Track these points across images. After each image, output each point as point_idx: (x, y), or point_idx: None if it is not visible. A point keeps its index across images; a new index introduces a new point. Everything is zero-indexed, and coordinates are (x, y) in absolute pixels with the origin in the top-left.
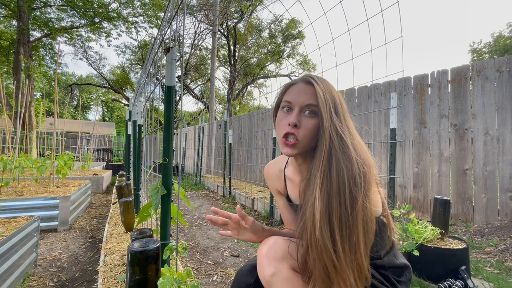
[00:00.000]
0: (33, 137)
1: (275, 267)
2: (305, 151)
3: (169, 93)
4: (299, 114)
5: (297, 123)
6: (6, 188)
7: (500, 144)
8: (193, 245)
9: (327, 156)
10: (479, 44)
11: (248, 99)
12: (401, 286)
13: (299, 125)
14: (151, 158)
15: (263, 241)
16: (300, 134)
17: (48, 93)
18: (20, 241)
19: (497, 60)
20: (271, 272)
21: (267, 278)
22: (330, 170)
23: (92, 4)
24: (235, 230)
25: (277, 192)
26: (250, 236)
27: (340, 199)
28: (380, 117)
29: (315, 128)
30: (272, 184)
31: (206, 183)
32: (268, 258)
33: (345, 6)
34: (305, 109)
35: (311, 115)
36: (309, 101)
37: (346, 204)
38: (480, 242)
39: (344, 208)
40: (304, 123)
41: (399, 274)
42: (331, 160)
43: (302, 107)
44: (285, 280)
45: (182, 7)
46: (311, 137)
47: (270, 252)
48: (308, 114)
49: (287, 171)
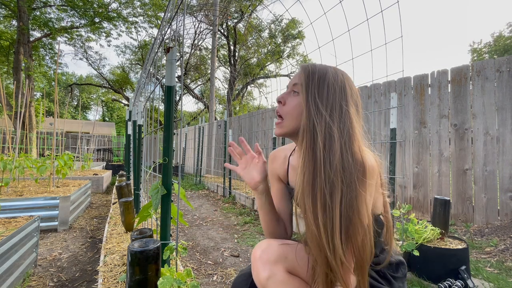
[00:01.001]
0: (33, 137)
1: (270, 270)
2: (293, 132)
3: (169, 93)
4: (287, 94)
5: (281, 100)
6: (6, 188)
7: (500, 144)
8: (193, 245)
9: (308, 129)
10: (479, 44)
11: (248, 99)
12: (397, 281)
13: (283, 102)
14: (151, 158)
15: (257, 245)
16: (284, 111)
17: (48, 93)
18: (20, 241)
19: (497, 60)
20: (266, 275)
21: (262, 282)
22: (313, 143)
23: (92, 4)
24: (243, 164)
25: (276, 177)
26: (253, 175)
27: (323, 171)
28: (380, 117)
29: (298, 105)
30: (274, 168)
31: (206, 183)
32: (262, 262)
33: (345, 6)
34: (292, 89)
35: (295, 94)
36: (295, 81)
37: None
38: (480, 242)
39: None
40: (288, 101)
41: (394, 270)
42: (315, 132)
43: (290, 89)
44: (281, 283)
45: (182, 7)
46: (294, 114)
47: (264, 256)
48: (293, 94)
49: (292, 158)
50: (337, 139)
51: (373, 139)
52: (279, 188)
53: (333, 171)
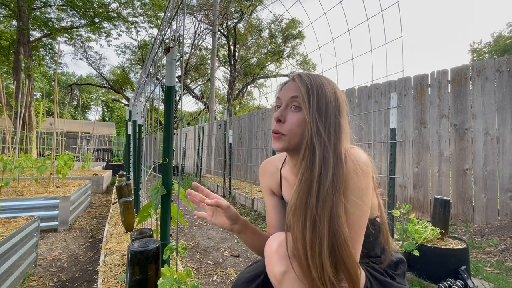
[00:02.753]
0: (33, 137)
1: (287, 265)
2: (294, 147)
3: (169, 93)
4: (284, 109)
5: (280, 118)
6: (6, 188)
7: (500, 144)
8: (193, 245)
9: (309, 151)
10: (479, 44)
11: (248, 99)
12: (398, 278)
13: (283, 120)
14: (151, 158)
15: (273, 236)
16: (285, 129)
17: (48, 93)
18: (20, 241)
19: (497, 60)
20: (283, 270)
21: (277, 277)
22: (312, 165)
23: (92, 4)
24: (210, 211)
25: (269, 191)
26: (223, 221)
27: (319, 194)
28: (380, 117)
29: (301, 122)
30: (266, 182)
31: (206, 183)
32: (279, 255)
33: (345, 6)
34: (290, 103)
35: (296, 110)
36: (293, 93)
37: (326, 199)
38: (480, 242)
39: (315, 203)
40: (289, 117)
41: (395, 268)
42: (314, 155)
43: (287, 101)
44: (297, 279)
45: (182, 7)
46: (297, 132)
47: (280, 249)
48: (294, 108)
49: (284, 171)
50: (332, 160)
51: (373, 139)
52: (272, 202)
53: (325, 191)
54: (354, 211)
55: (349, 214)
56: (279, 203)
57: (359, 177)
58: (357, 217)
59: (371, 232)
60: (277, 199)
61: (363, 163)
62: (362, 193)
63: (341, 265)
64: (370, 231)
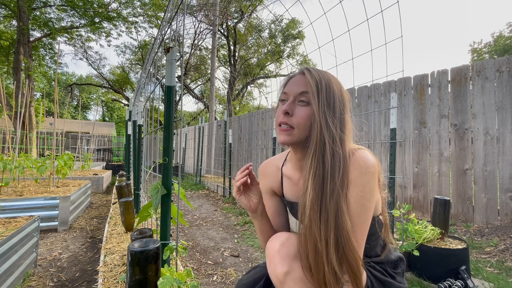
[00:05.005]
0: (33, 137)
1: (289, 265)
2: (300, 141)
3: (169, 93)
4: (292, 103)
5: (288, 111)
6: (6, 188)
7: (500, 144)
8: (193, 245)
9: (320, 145)
10: (479, 44)
11: (248, 99)
12: (398, 276)
13: (291, 113)
14: (151, 158)
15: (275, 236)
16: (294, 122)
17: (48, 93)
18: (20, 241)
19: (497, 60)
20: (285, 270)
21: (280, 277)
22: (323, 160)
23: (92, 4)
24: (237, 189)
25: (270, 192)
26: (250, 199)
27: (330, 189)
28: (380, 117)
29: (309, 116)
30: (266, 183)
31: (206, 183)
32: (281, 256)
33: (345, 6)
34: (298, 97)
35: (304, 104)
36: (302, 89)
37: (334, 194)
38: (480, 242)
39: (328, 198)
40: (297, 111)
41: (395, 267)
42: (324, 149)
43: (295, 96)
44: (299, 279)
45: (182, 7)
46: (305, 125)
47: (283, 249)
48: (301, 103)
49: (285, 169)
50: (341, 154)
51: (373, 139)
52: (274, 202)
53: (334, 185)
54: (358, 207)
55: (352, 210)
56: (280, 203)
57: (366, 176)
58: (362, 213)
59: (374, 231)
60: (278, 199)
61: (371, 163)
62: (368, 192)
63: (344, 259)
64: (373, 230)
